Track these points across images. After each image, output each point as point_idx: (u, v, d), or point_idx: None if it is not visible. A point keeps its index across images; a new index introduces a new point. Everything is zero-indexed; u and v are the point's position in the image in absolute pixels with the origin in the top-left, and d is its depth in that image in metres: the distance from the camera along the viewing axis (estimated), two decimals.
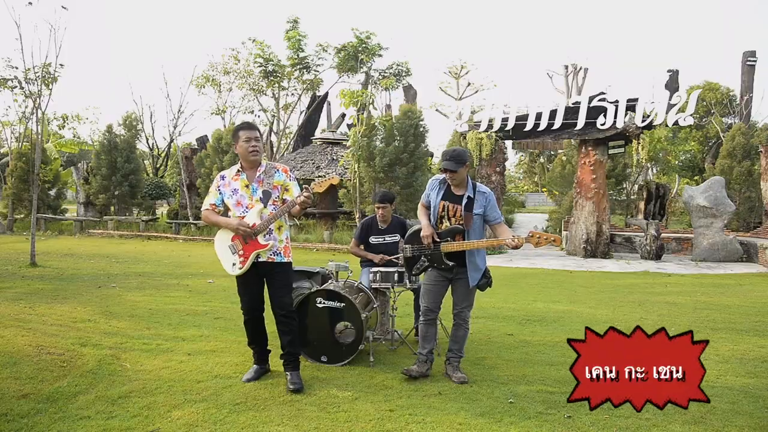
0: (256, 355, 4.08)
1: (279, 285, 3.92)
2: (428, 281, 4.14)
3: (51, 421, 3.17)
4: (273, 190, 3.89)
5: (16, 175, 18.99)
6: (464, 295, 4.09)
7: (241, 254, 3.85)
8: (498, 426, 3.25)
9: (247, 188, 3.90)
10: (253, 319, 4.01)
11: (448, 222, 4.04)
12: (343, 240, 14.51)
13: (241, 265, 3.84)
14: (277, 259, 3.90)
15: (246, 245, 3.83)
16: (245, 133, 3.88)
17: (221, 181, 4.00)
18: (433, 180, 4.20)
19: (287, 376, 3.87)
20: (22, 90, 18.09)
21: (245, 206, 3.89)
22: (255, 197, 3.88)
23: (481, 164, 14.09)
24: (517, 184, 41.42)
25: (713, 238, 12.34)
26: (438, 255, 4.01)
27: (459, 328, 4.12)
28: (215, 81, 23.57)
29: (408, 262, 4.21)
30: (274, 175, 3.93)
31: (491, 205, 4.05)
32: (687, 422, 3.30)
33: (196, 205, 19.07)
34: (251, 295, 3.96)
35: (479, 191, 4.03)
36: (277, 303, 3.90)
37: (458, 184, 4.03)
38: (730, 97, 24.15)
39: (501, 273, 10.48)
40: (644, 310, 6.85)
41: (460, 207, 3.99)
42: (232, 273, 3.90)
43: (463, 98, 28.99)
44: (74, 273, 9.04)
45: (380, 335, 4.90)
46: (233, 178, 3.95)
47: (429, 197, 4.15)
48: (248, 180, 3.91)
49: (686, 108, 11.86)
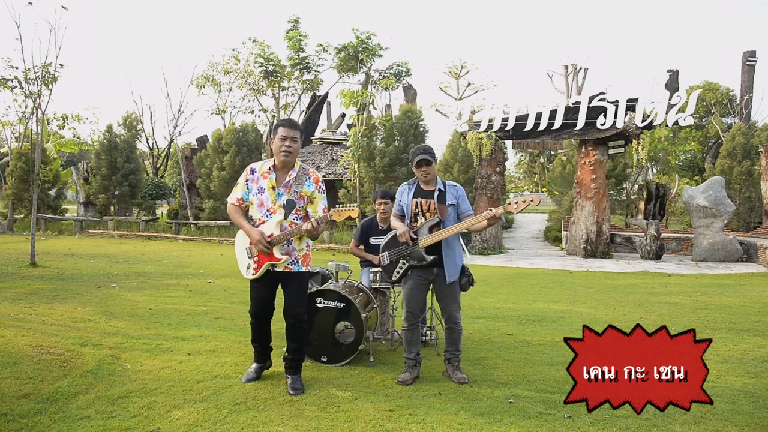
0: (258, 353, 4.02)
1: (294, 293, 3.82)
2: (408, 286, 4.10)
3: (51, 421, 3.17)
4: (299, 200, 3.75)
5: (16, 175, 18.99)
6: (449, 295, 4.05)
7: (256, 261, 3.77)
8: (498, 426, 3.25)
9: (273, 190, 3.75)
10: (260, 322, 3.94)
11: (423, 218, 4.03)
12: (343, 240, 14.51)
13: (254, 271, 3.77)
14: (294, 268, 3.80)
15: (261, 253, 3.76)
16: (283, 130, 3.74)
17: (251, 175, 3.83)
18: (402, 186, 4.23)
19: (287, 379, 3.84)
20: (22, 90, 18.09)
21: (267, 209, 3.76)
22: (279, 202, 3.73)
23: (481, 164, 14.09)
24: (517, 184, 41.39)
25: (713, 238, 12.34)
26: (417, 251, 3.99)
27: (452, 332, 4.09)
28: (215, 81, 23.57)
29: (387, 268, 4.18)
30: (304, 183, 3.77)
31: (462, 197, 4.10)
32: (687, 422, 3.30)
33: (196, 205, 19.07)
34: (261, 300, 3.86)
35: (449, 185, 4.11)
36: (290, 311, 3.82)
37: (430, 180, 4.05)
38: (730, 97, 24.17)
39: (501, 273, 10.48)
40: (644, 310, 6.85)
41: (433, 201, 4.01)
42: (245, 276, 3.83)
43: (463, 98, 28.97)
44: (74, 273, 9.04)
45: (380, 335, 4.90)
46: (263, 175, 3.79)
47: (400, 203, 4.15)
48: (277, 182, 3.76)
49: (686, 108, 11.87)
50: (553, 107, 13.21)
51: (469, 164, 17.16)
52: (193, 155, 20.42)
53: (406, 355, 4.10)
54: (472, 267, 11.32)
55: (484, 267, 11.40)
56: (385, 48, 21.11)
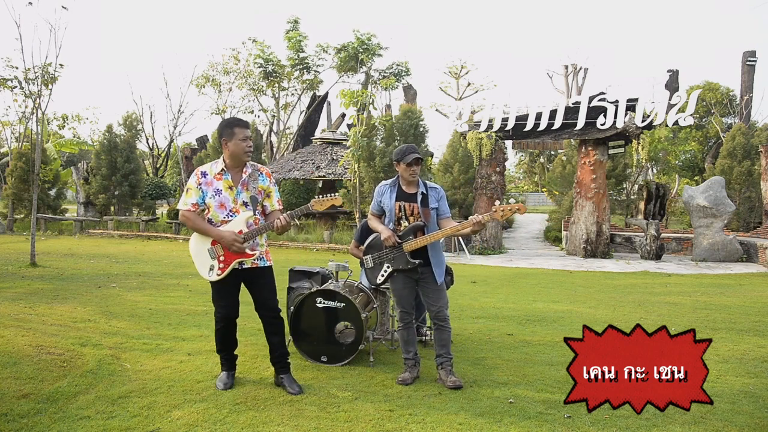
0: (227, 361, 3.92)
1: (265, 289, 3.79)
2: (397, 287, 4.09)
3: (51, 421, 3.17)
4: (258, 195, 3.74)
5: (16, 175, 18.98)
6: (436, 294, 4.02)
7: (222, 260, 3.66)
8: (498, 426, 3.25)
9: (231, 190, 3.70)
10: (229, 326, 3.84)
11: (406, 221, 4.01)
12: (343, 240, 14.51)
13: (219, 272, 3.66)
14: (261, 263, 3.77)
15: (228, 252, 3.66)
16: (242, 131, 3.65)
17: (203, 178, 3.72)
18: (381, 186, 4.15)
19: (282, 380, 3.79)
20: (22, 90, 18.10)
21: (230, 209, 3.70)
22: (239, 201, 3.70)
23: (481, 164, 14.09)
24: (517, 184, 41.44)
25: (713, 238, 12.34)
26: (402, 256, 3.97)
27: (442, 331, 4.02)
28: (215, 81, 23.59)
29: (371, 272, 4.16)
30: (258, 178, 3.77)
31: (443, 199, 4.08)
32: (687, 422, 3.30)
33: None
34: (229, 301, 3.77)
35: (431, 187, 4.08)
36: (266, 306, 3.79)
37: (414, 181, 4.02)
38: (730, 97, 24.17)
39: (501, 273, 10.48)
40: (644, 310, 6.85)
41: (416, 204, 3.99)
42: (207, 278, 3.70)
43: (463, 98, 28.99)
44: (74, 273, 9.04)
45: (380, 335, 4.90)
46: (216, 177, 3.71)
47: (381, 203, 4.10)
48: (233, 182, 3.71)
49: (686, 108, 11.86)
50: (553, 107, 13.21)
51: (469, 164, 17.16)
52: (193, 155, 20.45)
53: (404, 355, 4.10)
54: (472, 267, 11.33)
55: (484, 267, 11.40)
56: (384, 48, 21.13)
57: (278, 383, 3.84)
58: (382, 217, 4.15)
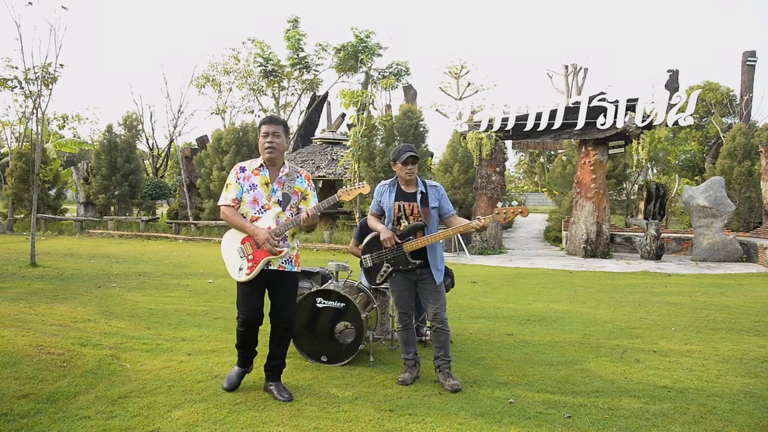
0: (243, 357, 3.82)
1: (286, 297, 3.69)
2: (396, 287, 4.07)
3: (51, 421, 3.17)
4: (293, 195, 3.68)
5: (16, 175, 18.99)
6: (435, 295, 4.00)
7: (251, 259, 3.59)
8: (498, 426, 3.25)
9: (267, 186, 3.66)
10: (251, 330, 3.74)
11: (406, 221, 3.99)
12: (343, 240, 14.51)
13: (249, 271, 3.58)
14: (288, 267, 3.67)
15: (257, 250, 3.58)
16: (265, 127, 3.64)
17: (241, 173, 3.70)
18: (381, 186, 4.13)
19: (271, 386, 3.69)
20: (22, 90, 18.11)
21: (261, 205, 3.65)
22: (273, 198, 3.65)
23: (481, 164, 14.10)
24: (517, 184, 41.44)
25: (713, 238, 12.34)
26: (402, 256, 3.96)
27: (440, 333, 3.98)
28: (215, 81, 23.60)
29: (369, 272, 4.14)
30: (296, 179, 3.73)
31: (444, 198, 4.05)
32: (687, 422, 3.30)
33: (196, 205, 19.06)
34: (253, 307, 3.65)
35: (430, 186, 4.05)
36: (281, 316, 3.68)
37: (412, 179, 4.00)
38: (730, 97, 24.18)
39: (501, 273, 10.48)
40: (644, 310, 6.85)
41: (416, 204, 3.97)
42: (237, 278, 3.63)
43: (463, 98, 29.00)
44: (74, 273, 9.04)
45: (380, 335, 4.90)
46: (254, 172, 3.68)
47: (380, 203, 4.08)
48: (270, 178, 3.67)
49: (686, 108, 11.87)
50: (553, 107, 13.22)
51: (469, 164, 17.16)
52: (193, 155, 20.41)
53: (404, 356, 4.09)
54: (472, 267, 11.33)
55: (484, 267, 11.40)
56: (384, 47, 21.13)
57: (266, 389, 3.74)
58: (382, 217, 4.14)
